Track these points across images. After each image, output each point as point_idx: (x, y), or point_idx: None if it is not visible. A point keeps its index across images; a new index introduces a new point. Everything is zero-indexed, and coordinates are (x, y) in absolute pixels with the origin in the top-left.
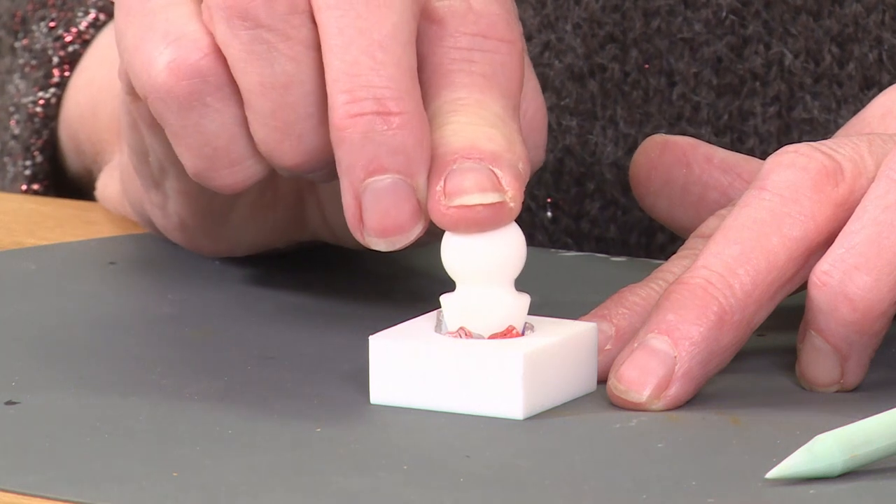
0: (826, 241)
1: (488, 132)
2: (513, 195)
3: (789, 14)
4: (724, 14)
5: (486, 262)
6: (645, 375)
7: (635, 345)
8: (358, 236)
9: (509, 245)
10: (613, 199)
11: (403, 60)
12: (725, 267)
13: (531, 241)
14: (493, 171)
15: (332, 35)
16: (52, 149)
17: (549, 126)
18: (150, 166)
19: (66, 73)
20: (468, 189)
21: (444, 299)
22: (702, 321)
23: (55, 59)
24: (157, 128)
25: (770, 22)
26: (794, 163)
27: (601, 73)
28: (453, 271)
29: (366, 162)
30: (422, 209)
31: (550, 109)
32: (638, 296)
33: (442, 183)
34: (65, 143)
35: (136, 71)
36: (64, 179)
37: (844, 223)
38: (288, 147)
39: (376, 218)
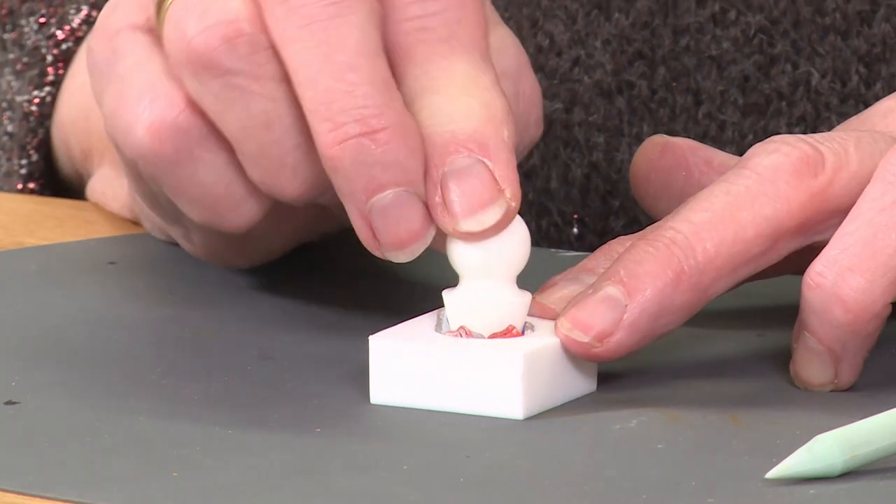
0: (798, 228)
1: (463, 105)
2: (512, 193)
3: (817, 34)
4: (752, 32)
5: (491, 259)
6: (592, 318)
7: (590, 290)
8: (378, 254)
9: (515, 242)
10: (637, 218)
11: (375, 73)
12: (692, 230)
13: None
14: (486, 168)
15: (298, 68)
16: (46, 147)
17: (577, 142)
18: (163, 208)
19: (61, 72)
20: (469, 206)
21: (447, 295)
22: (658, 276)
23: (49, 58)
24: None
25: (798, 41)
26: (777, 149)
27: (629, 90)
28: (458, 266)
29: (364, 184)
30: (428, 215)
31: (579, 125)
32: (625, 248)
33: (440, 194)
34: (57, 145)
35: (118, 139)
36: (59, 177)
37: (820, 213)
38: (285, 181)
39: (389, 233)
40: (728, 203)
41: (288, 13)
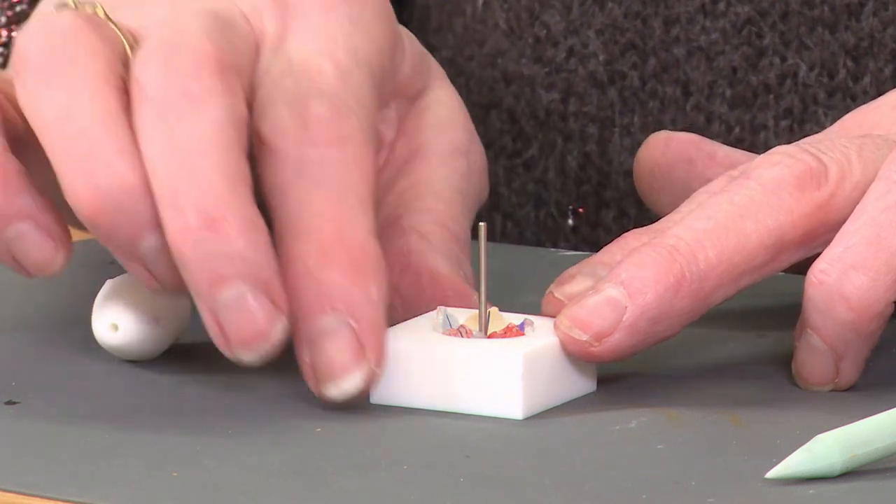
0: (801, 239)
1: (335, 256)
2: (374, 356)
3: (805, 26)
4: (741, 23)
5: None
6: (592, 317)
7: (591, 290)
8: (228, 354)
9: None
10: (625, 211)
11: (224, 166)
12: (694, 238)
13: (555, 248)
14: (351, 331)
15: (150, 156)
16: None
17: (573, 133)
18: None
19: (14, 34)
20: (330, 371)
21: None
22: (660, 281)
23: (2, 20)
24: None
25: (786, 33)
26: (780, 161)
27: (621, 80)
28: None
29: (208, 277)
30: (277, 308)
31: (574, 116)
32: (641, 242)
33: (308, 353)
34: None
35: None
36: None
37: (823, 225)
38: None
39: (235, 331)
40: (731, 212)
41: (142, 103)
